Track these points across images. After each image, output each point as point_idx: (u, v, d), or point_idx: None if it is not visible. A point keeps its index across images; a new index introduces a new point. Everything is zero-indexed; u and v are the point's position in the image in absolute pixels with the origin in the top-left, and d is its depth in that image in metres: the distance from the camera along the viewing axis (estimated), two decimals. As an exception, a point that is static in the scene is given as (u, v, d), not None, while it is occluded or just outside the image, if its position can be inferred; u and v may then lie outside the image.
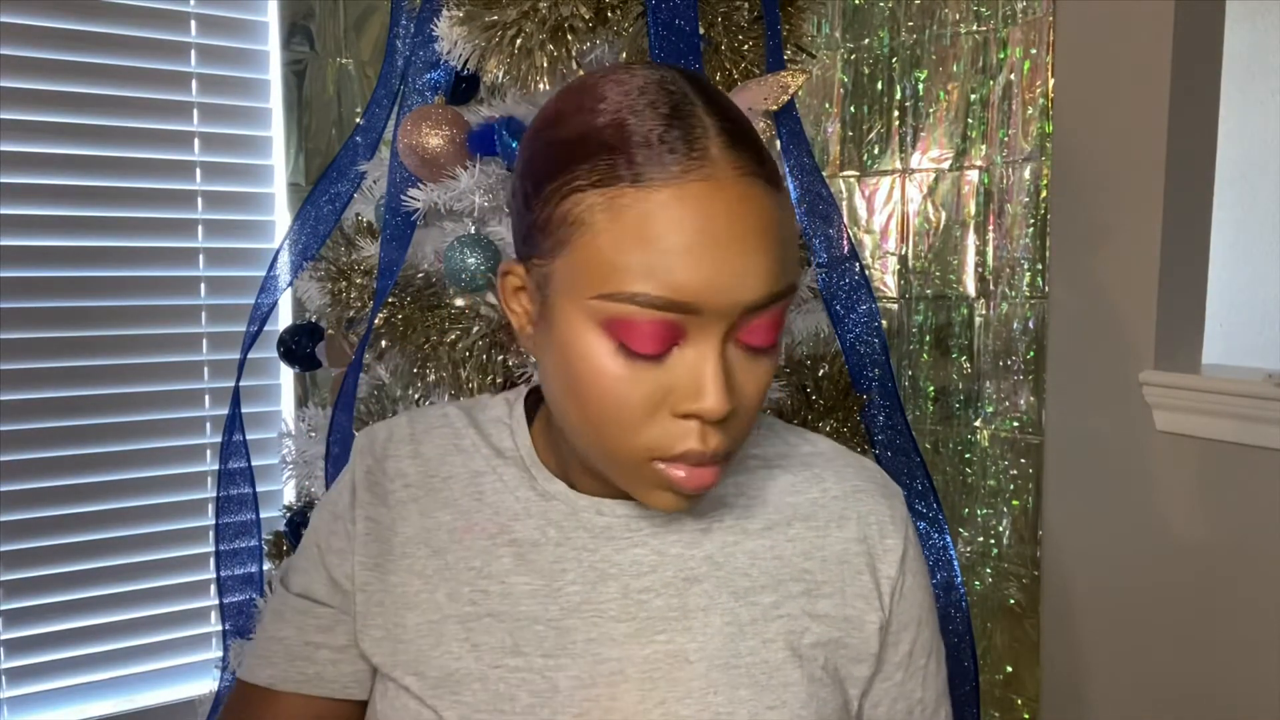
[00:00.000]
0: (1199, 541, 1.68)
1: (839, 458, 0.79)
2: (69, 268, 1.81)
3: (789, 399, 1.32)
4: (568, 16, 1.13)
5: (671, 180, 0.59)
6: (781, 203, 0.63)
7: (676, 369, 0.62)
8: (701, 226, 0.59)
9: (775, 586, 0.73)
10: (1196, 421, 1.67)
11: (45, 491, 1.81)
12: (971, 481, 2.00)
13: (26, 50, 1.74)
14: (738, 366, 0.63)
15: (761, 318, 0.62)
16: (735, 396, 0.63)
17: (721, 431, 0.63)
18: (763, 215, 0.61)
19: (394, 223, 1.24)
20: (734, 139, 0.62)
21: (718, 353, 0.61)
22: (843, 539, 0.75)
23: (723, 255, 0.59)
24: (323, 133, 1.98)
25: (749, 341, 0.63)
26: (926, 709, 0.78)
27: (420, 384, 1.24)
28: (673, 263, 0.59)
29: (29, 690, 1.82)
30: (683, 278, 0.59)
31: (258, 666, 0.77)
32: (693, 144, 0.60)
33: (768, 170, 0.62)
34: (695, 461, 0.63)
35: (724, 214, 0.59)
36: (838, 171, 2.17)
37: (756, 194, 0.61)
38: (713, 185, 0.60)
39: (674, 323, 0.60)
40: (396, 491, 0.76)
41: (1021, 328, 1.91)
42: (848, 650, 0.73)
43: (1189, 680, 1.70)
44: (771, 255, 0.61)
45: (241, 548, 1.47)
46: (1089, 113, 1.78)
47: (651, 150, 0.60)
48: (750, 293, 0.60)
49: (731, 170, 0.60)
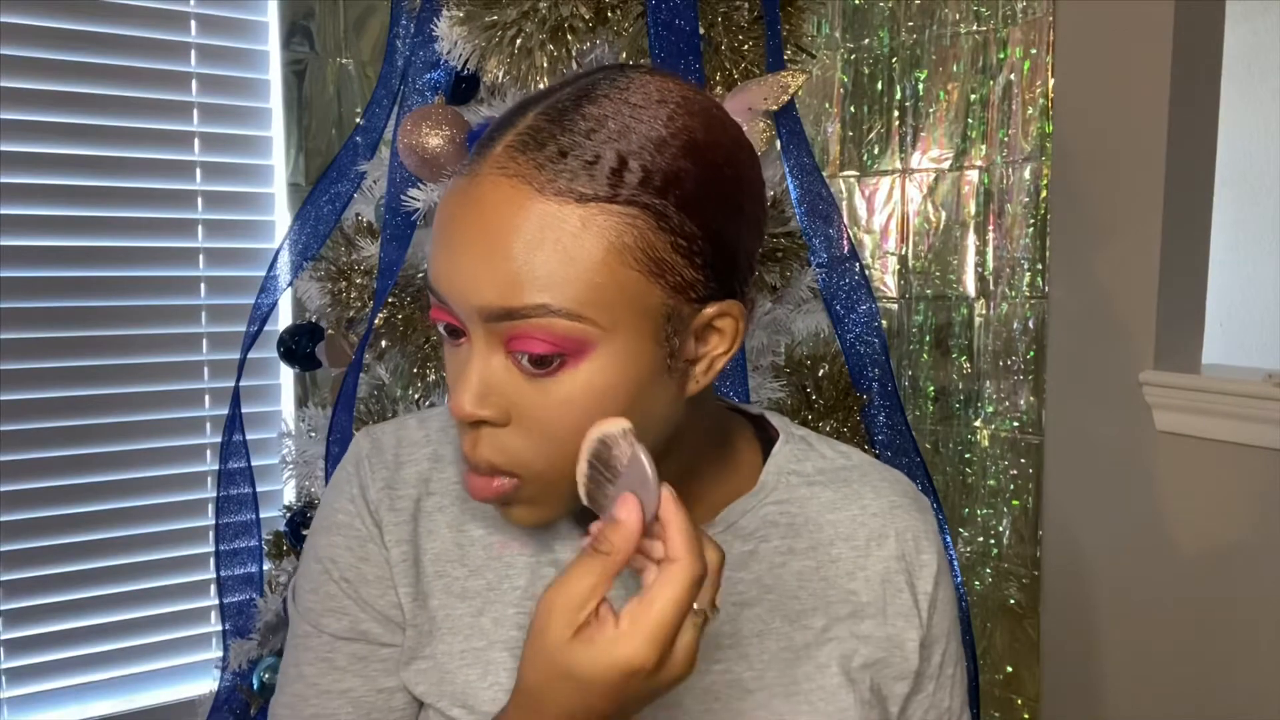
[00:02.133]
0: (1199, 541, 1.68)
1: (874, 472, 0.77)
2: (69, 268, 1.81)
3: (789, 399, 1.32)
4: (568, 16, 1.13)
5: (460, 171, 0.60)
6: (575, 219, 0.56)
7: (462, 362, 0.61)
8: (449, 220, 0.59)
9: (824, 609, 0.71)
10: (1196, 421, 1.67)
11: (45, 491, 1.81)
12: (971, 481, 2.00)
13: (26, 50, 1.74)
14: (511, 382, 0.59)
15: (520, 331, 0.57)
16: (490, 407, 0.59)
17: (485, 440, 0.60)
18: (505, 220, 0.56)
19: (394, 223, 1.24)
20: (532, 141, 0.57)
21: (480, 354, 0.59)
22: (883, 557, 0.74)
23: (455, 252, 0.58)
24: (323, 133, 1.98)
25: (529, 360, 0.58)
26: (954, 716, 0.78)
27: (420, 384, 1.24)
28: (431, 250, 0.61)
29: (29, 690, 1.82)
30: (431, 267, 0.60)
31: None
32: (490, 142, 0.59)
33: (563, 184, 0.56)
34: (469, 465, 0.62)
35: (473, 211, 0.58)
36: (838, 171, 2.17)
37: (509, 197, 0.56)
38: (471, 181, 0.59)
39: (450, 312, 0.60)
40: (419, 501, 0.70)
41: (1021, 328, 1.91)
42: (890, 669, 0.73)
43: (1189, 680, 1.70)
44: (507, 265, 0.56)
45: (241, 548, 1.47)
46: (1089, 113, 1.78)
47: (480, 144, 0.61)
48: (479, 296, 0.57)
49: (493, 168, 0.58)
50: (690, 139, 0.59)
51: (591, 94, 0.59)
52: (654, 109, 0.59)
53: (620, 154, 0.57)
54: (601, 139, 0.57)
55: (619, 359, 0.58)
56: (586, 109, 0.58)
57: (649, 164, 0.57)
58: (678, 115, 0.59)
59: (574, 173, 0.56)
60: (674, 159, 0.58)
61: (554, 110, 0.59)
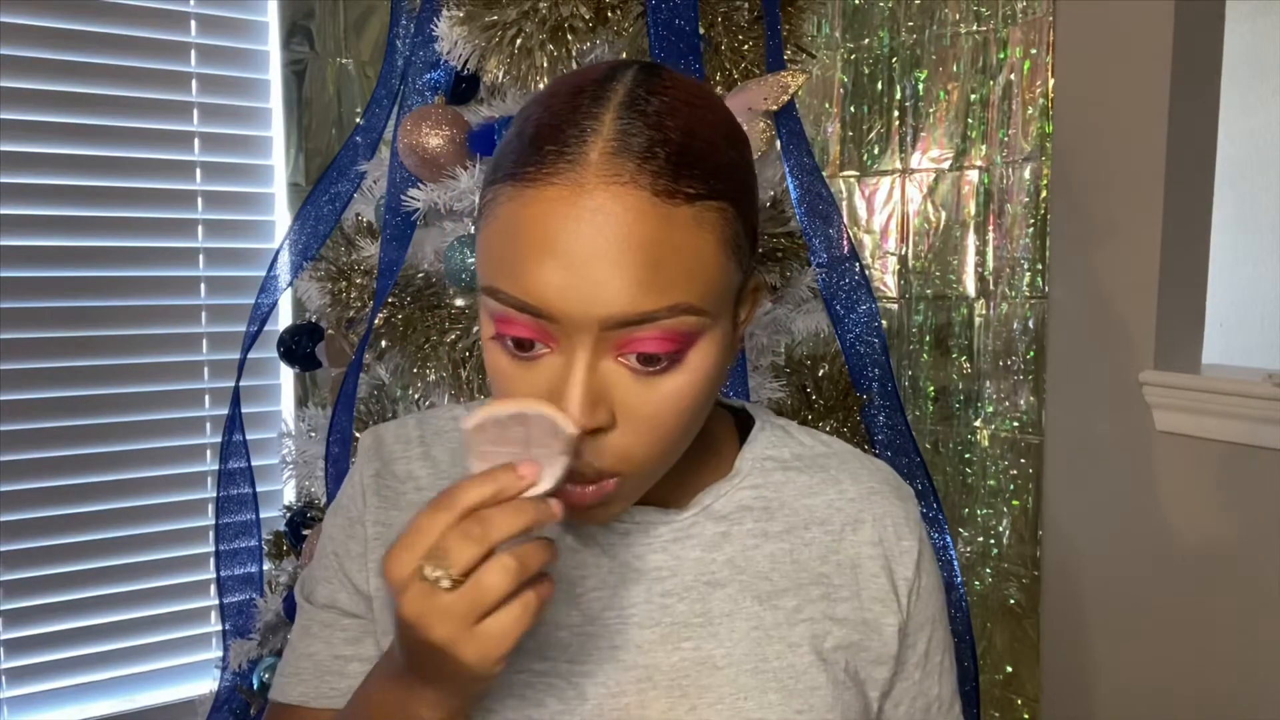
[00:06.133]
0: (1199, 541, 1.68)
1: (853, 459, 0.79)
2: (69, 268, 1.81)
3: (789, 399, 1.32)
4: (568, 16, 1.13)
5: (539, 182, 0.58)
6: (683, 219, 0.58)
7: (549, 373, 0.60)
8: (556, 232, 0.57)
9: (796, 590, 0.72)
10: (1196, 421, 1.67)
11: (45, 491, 1.81)
12: (971, 481, 2.00)
13: (26, 50, 1.74)
14: (620, 383, 0.60)
15: (642, 334, 0.58)
16: (605, 413, 0.59)
17: (595, 448, 0.60)
18: (630, 228, 0.57)
19: (394, 223, 1.24)
20: (625, 145, 0.58)
21: (585, 364, 0.58)
22: (858, 542, 0.75)
23: (574, 265, 0.56)
24: (323, 133, 1.98)
25: (639, 359, 0.59)
26: (943, 705, 0.79)
27: (420, 384, 1.24)
28: (526, 265, 0.57)
29: (29, 690, 1.82)
30: (533, 283, 0.57)
31: (288, 685, 0.75)
32: (575, 147, 0.58)
33: (666, 184, 0.58)
34: (573, 478, 0.60)
35: (582, 222, 0.57)
36: (838, 171, 2.17)
37: (629, 205, 0.57)
38: (575, 191, 0.57)
39: (539, 326, 0.58)
40: (408, 494, 0.74)
41: (1021, 328, 1.91)
42: (868, 653, 0.73)
43: (1189, 680, 1.70)
44: (636, 271, 0.57)
45: (241, 548, 1.47)
46: (1089, 113, 1.78)
47: (535, 150, 0.59)
48: (605, 308, 0.57)
49: (601, 177, 0.57)
50: (730, 130, 0.64)
51: (656, 93, 0.61)
52: (701, 106, 0.62)
53: (702, 152, 0.60)
54: (686, 138, 0.59)
55: (715, 343, 0.62)
56: (660, 108, 0.60)
57: (720, 159, 0.61)
58: (715, 108, 0.63)
59: (677, 174, 0.58)
60: (728, 150, 0.62)
61: (634, 113, 0.59)
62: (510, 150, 0.61)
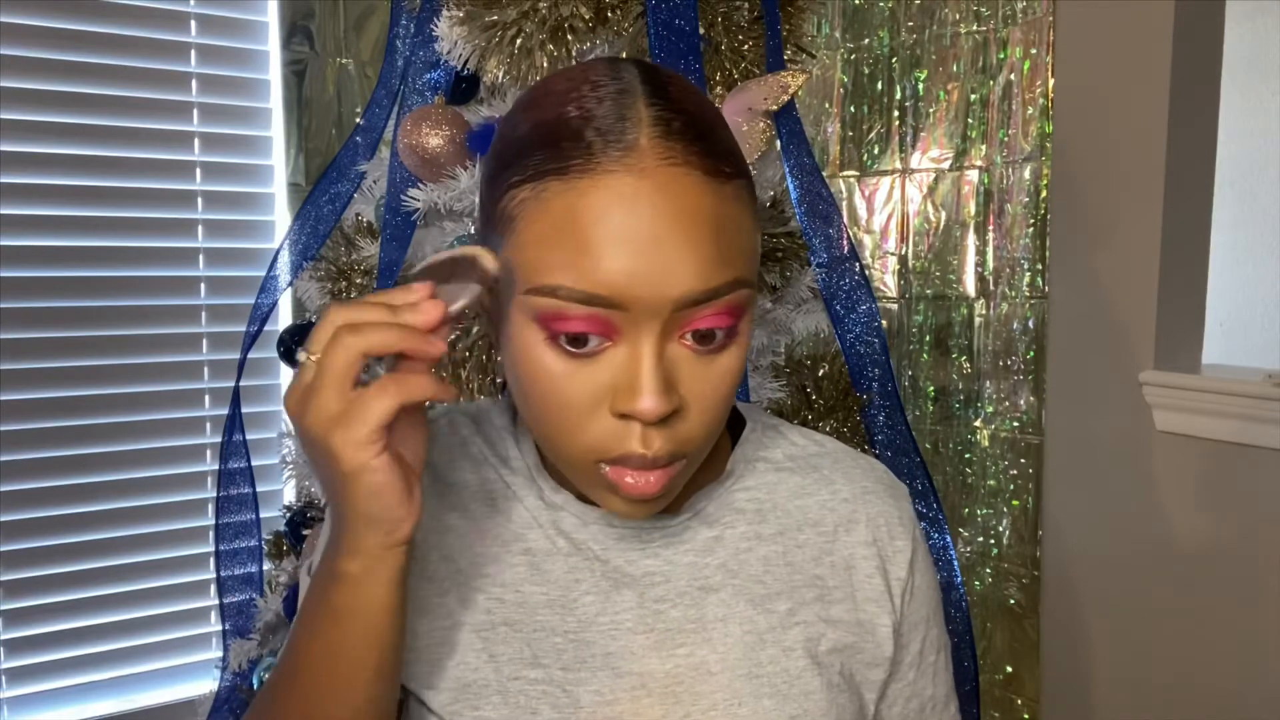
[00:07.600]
0: (1199, 541, 1.68)
1: (846, 458, 0.78)
2: (69, 268, 1.81)
3: (789, 399, 1.32)
4: (568, 16, 1.13)
5: (593, 171, 0.58)
6: (729, 195, 0.60)
7: (613, 366, 0.60)
8: (622, 218, 0.57)
9: (790, 593, 0.72)
10: (1196, 421, 1.67)
11: (45, 491, 1.81)
12: (971, 481, 2.01)
13: (26, 50, 1.74)
14: (683, 365, 0.61)
15: (704, 312, 0.59)
16: (678, 396, 0.60)
17: (666, 433, 0.61)
18: (693, 207, 0.58)
19: (394, 223, 1.24)
20: (669, 129, 0.59)
21: (654, 350, 0.59)
22: (852, 543, 0.74)
23: (645, 248, 0.57)
24: (323, 133, 1.98)
25: (695, 338, 0.60)
26: (938, 704, 0.79)
27: (420, 384, 1.23)
28: (593, 256, 0.57)
29: (29, 690, 1.82)
30: (603, 272, 0.57)
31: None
32: (621, 134, 0.58)
33: (711, 163, 0.60)
34: (637, 465, 0.61)
35: (647, 206, 0.57)
36: (838, 171, 2.17)
37: (688, 186, 0.58)
38: (635, 175, 0.58)
39: (603, 318, 0.58)
40: None
41: (1021, 328, 1.91)
42: (863, 655, 0.73)
43: (1189, 680, 1.70)
44: (704, 248, 0.58)
45: (241, 548, 1.47)
46: (1089, 113, 1.78)
47: (577, 142, 0.58)
48: (678, 288, 0.58)
49: (658, 160, 0.58)
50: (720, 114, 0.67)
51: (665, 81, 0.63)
52: (696, 91, 0.65)
53: (721, 133, 0.63)
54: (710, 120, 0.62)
55: (752, 315, 0.64)
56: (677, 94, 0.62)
57: (731, 139, 0.64)
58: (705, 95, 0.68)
59: (716, 154, 0.61)
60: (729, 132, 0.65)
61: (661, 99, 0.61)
62: (527, 149, 0.60)
